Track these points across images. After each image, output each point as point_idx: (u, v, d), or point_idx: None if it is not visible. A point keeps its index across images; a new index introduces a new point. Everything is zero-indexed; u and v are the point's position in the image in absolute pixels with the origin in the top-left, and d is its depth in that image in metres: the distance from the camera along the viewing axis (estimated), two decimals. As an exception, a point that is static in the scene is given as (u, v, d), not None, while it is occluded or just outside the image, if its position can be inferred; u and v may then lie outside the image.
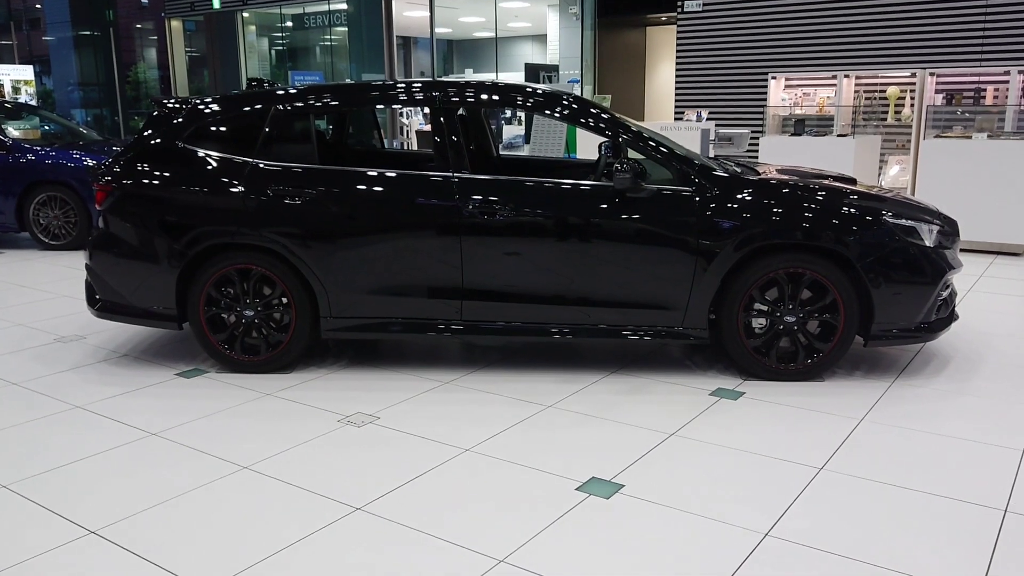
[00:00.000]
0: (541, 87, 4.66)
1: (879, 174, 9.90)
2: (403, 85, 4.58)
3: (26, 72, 16.16)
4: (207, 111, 4.52)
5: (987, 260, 7.33)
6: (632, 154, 4.36)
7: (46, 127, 9.53)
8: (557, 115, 4.45)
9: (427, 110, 4.45)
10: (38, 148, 8.32)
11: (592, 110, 4.44)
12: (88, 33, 23.62)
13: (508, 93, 4.55)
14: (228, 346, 4.43)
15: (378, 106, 4.77)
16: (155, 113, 4.59)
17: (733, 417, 3.82)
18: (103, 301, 4.55)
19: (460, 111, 4.43)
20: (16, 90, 15.38)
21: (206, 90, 21.51)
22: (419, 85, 4.53)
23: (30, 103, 14.39)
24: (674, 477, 3.21)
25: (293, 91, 4.53)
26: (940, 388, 4.17)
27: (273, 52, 20.72)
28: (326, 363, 4.63)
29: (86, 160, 8.20)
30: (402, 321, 4.33)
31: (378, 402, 4.03)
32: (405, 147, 12.82)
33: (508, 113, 12.45)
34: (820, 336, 4.23)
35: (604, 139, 4.71)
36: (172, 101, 4.59)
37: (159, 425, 3.77)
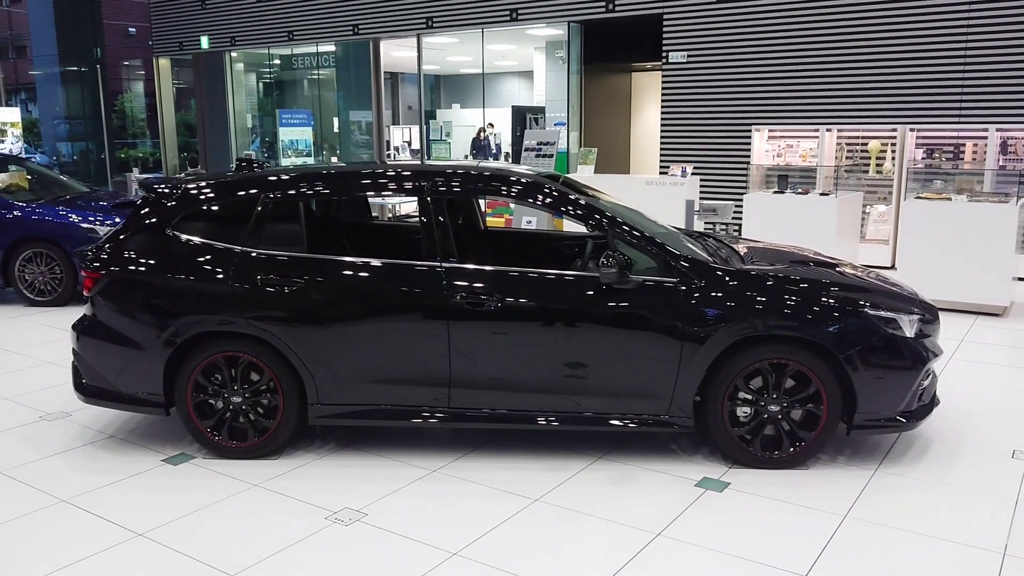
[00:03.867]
0: (525, 173, 4.72)
1: (862, 225, 10.04)
2: (392, 172, 4.64)
3: (12, 114, 16.10)
4: (200, 197, 4.55)
5: (968, 321, 7.43)
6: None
7: (31, 178, 9.52)
8: (539, 204, 4.50)
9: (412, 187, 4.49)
10: (24, 204, 8.31)
11: (571, 197, 4.49)
12: (75, 68, 23.62)
13: (491, 183, 4.60)
14: (215, 432, 4.43)
15: (368, 193, 4.82)
16: (146, 198, 4.62)
17: (719, 513, 3.85)
18: (90, 386, 4.55)
19: (448, 197, 4.48)
20: (1, 132, 15.30)
21: (193, 123, 21.54)
22: (408, 172, 4.59)
23: (15, 153, 14.30)
24: (660, 587, 3.24)
25: (285, 177, 4.57)
26: (921, 478, 4.22)
27: (261, 86, 20.80)
28: (314, 446, 4.63)
29: (72, 216, 8.21)
30: (389, 408, 4.36)
31: (366, 494, 4.04)
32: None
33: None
34: (804, 424, 4.28)
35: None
36: (162, 186, 4.62)
37: (146, 524, 3.76)
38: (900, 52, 10.25)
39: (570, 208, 4.46)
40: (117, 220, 8.03)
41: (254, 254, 4.37)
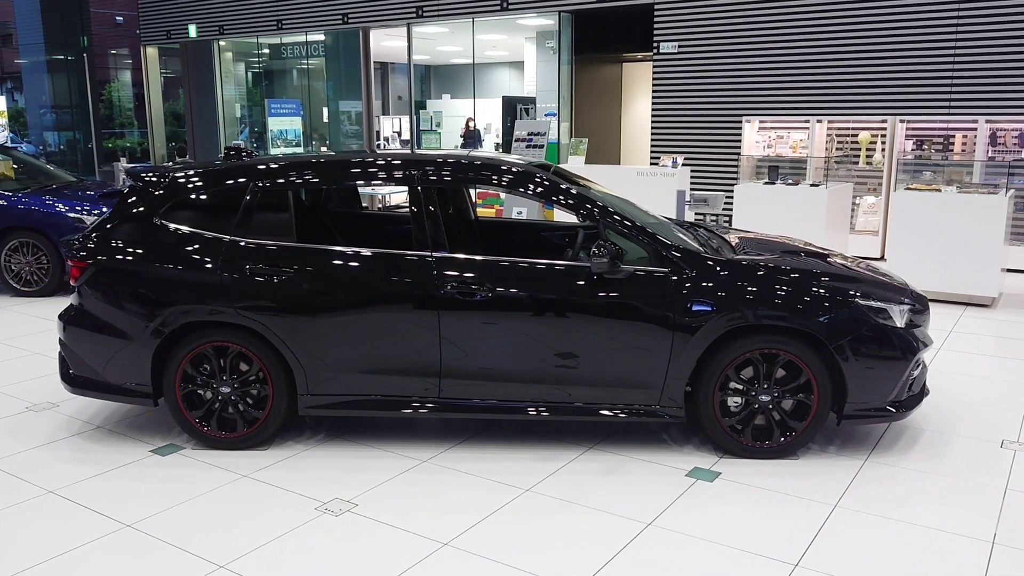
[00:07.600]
0: (516, 162, 4.69)
1: (851, 216, 10.06)
2: (383, 161, 4.60)
3: (-2, 102, 15.92)
4: (188, 185, 4.51)
5: (957, 312, 7.46)
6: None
7: (17, 167, 9.42)
8: (529, 194, 4.49)
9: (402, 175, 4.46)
10: (10, 194, 8.24)
11: (562, 186, 4.47)
12: (62, 57, 23.40)
13: (482, 171, 4.57)
14: (204, 423, 4.40)
15: (358, 183, 4.78)
16: (133, 187, 4.57)
17: (709, 503, 3.85)
18: (77, 376, 4.51)
19: (438, 187, 4.45)
20: (-13, 121, 15.14)
21: (181, 113, 21.41)
22: (399, 161, 4.56)
23: (1, 142, 14.14)
24: (651, 577, 3.23)
25: (274, 166, 4.53)
26: (911, 468, 4.23)
27: (249, 75, 20.66)
28: (303, 437, 4.61)
29: (59, 205, 8.14)
30: (379, 399, 4.34)
31: (356, 485, 4.02)
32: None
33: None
34: (794, 414, 4.28)
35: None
36: (150, 175, 4.58)
37: (135, 514, 3.73)
38: (890, 43, 10.26)
39: (561, 197, 4.44)
40: (104, 209, 7.97)
41: (243, 243, 4.33)
